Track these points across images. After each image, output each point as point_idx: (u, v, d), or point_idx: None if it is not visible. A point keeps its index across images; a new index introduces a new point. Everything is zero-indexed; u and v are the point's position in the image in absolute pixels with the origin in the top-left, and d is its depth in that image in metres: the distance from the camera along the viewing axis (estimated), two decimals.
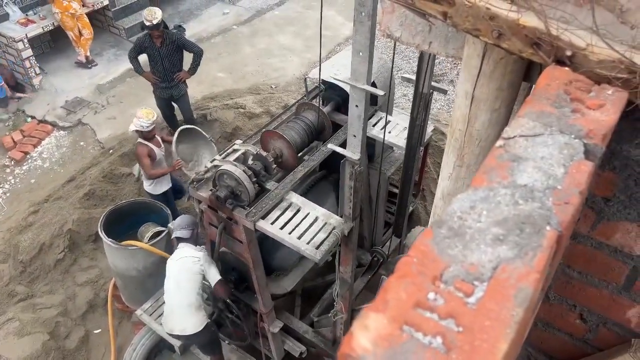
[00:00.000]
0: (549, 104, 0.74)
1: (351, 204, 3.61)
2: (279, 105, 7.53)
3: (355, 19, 2.77)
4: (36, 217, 6.20)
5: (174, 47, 6.22)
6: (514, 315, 0.49)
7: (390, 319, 0.50)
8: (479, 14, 0.87)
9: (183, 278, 4.16)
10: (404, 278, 0.54)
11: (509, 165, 0.66)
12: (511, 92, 1.18)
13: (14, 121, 7.82)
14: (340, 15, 9.67)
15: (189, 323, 4.24)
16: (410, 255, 0.57)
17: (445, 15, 0.92)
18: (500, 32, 0.87)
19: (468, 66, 1.17)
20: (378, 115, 4.66)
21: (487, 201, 0.61)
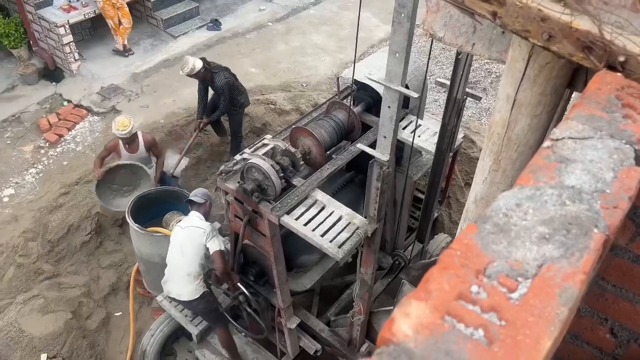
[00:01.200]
0: (599, 108, 0.73)
1: (376, 205, 3.60)
2: (309, 103, 7.55)
3: (394, 20, 2.76)
4: (66, 199, 6.34)
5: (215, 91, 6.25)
6: (559, 313, 0.48)
7: (433, 308, 0.50)
8: (530, 15, 0.86)
9: (188, 247, 4.27)
10: (447, 270, 0.54)
11: (556, 166, 0.65)
12: (554, 98, 1.16)
13: (50, 104, 8.02)
14: (376, 17, 9.64)
15: (185, 290, 4.34)
16: (453, 248, 0.57)
17: (495, 15, 0.91)
18: (550, 35, 0.86)
19: (512, 69, 1.16)
20: (408, 118, 4.64)
21: (533, 200, 0.61)
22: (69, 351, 5.07)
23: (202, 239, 4.23)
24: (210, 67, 6.04)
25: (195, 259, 4.28)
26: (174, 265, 4.35)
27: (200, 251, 4.27)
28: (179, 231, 4.33)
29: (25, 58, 8.49)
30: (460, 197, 6.43)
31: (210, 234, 4.24)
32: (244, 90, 6.32)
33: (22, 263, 5.81)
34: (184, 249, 4.28)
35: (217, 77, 5.99)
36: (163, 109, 7.60)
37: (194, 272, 4.31)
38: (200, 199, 4.40)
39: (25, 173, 7.01)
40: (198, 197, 4.41)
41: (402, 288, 4.03)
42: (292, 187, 3.97)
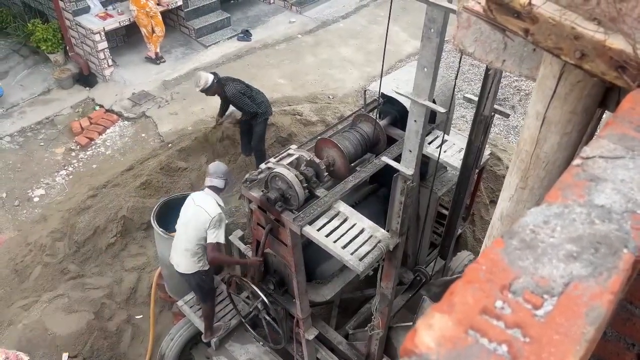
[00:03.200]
0: (632, 127, 0.72)
1: (399, 220, 3.58)
2: (334, 115, 7.58)
3: (424, 35, 2.77)
4: (94, 201, 6.48)
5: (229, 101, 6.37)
6: (585, 333, 0.48)
7: (456, 321, 0.50)
8: (562, 33, 0.86)
9: (191, 225, 4.38)
10: (472, 284, 0.54)
11: (586, 184, 0.65)
12: (585, 116, 1.15)
13: (83, 108, 8.24)
14: (405, 32, 9.66)
15: (182, 262, 4.50)
16: (479, 262, 0.57)
17: (527, 32, 0.91)
18: (583, 53, 0.85)
19: (542, 87, 1.15)
20: (435, 133, 4.61)
21: (561, 217, 0.60)
22: (90, 351, 5.15)
23: (205, 225, 4.31)
24: (221, 80, 6.14)
25: (194, 238, 4.38)
26: (178, 236, 4.51)
27: (201, 234, 4.36)
28: (191, 205, 4.43)
29: (61, 63, 8.76)
30: (485, 215, 6.34)
31: (214, 224, 4.29)
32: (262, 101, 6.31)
33: (49, 262, 5.95)
34: (188, 225, 4.40)
35: (227, 88, 6.10)
36: (192, 117, 7.73)
37: (191, 249, 4.41)
38: (222, 181, 4.44)
39: (56, 174, 7.20)
40: (219, 182, 4.44)
41: (423, 304, 3.99)
42: (315, 197, 3.98)
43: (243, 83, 6.27)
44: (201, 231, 4.33)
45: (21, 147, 7.60)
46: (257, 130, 6.34)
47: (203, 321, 4.82)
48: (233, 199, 6.47)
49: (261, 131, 6.36)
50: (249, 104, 6.12)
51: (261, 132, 6.37)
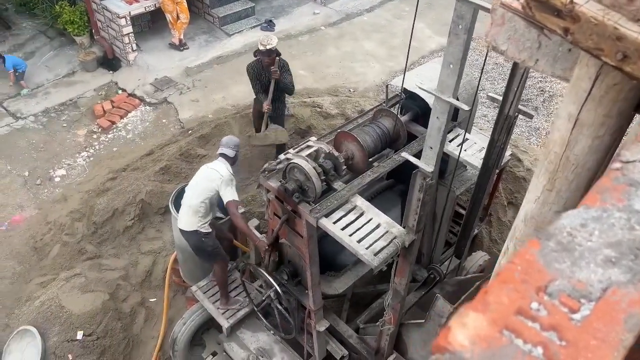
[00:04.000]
0: None
1: (416, 217, 3.56)
2: (355, 109, 7.56)
3: (451, 31, 2.74)
4: (113, 184, 6.57)
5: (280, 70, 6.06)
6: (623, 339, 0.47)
7: (491, 321, 0.49)
8: (604, 33, 0.84)
9: (200, 184, 4.52)
10: (507, 284, 0.53)
11: (625, 189, 0.63)
12: (619, 120, 1.13)
13: (106, 91, 8.33)
14: (429, 29, 9.56)
15: (183, 219, 4.62)
16: (514, 262, 0.56)
17: (567, 31, 0.89)
18: (625, 55, 0.83)
19: (576, 88, 1.13)
20: (456, 131, 4.57)
21: (599, 221, 0.59)
22: (103, 331, 5.23)
23: (215, 183, 4.42)
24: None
25: (200, 196, 4.47)
26: (186, 194, 4.63)
27: (208, 192, 4.45)
28: (204, 169, 4.60)
29: (86, 46, 8.86)
30: (502, 216, 6.28)
31: (226, 182, 4.40)
32: None
33: (68, 242, 6.05)
34: (198, 183, 4.53)
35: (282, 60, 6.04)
36: (212, 104, 7.78)
37: (194, 206, 4.50)
38: (232, 151, 4.60)
39: (77, 156, 7.30)
40: (229, 151, 4.59)
41: (436, 302, 3.96)
42: (332, 190, 3.98)
43: None
44: (209, 189, 4.45)
45: (44, 127, 7.72)
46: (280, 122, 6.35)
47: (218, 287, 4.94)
48: (250, 187, 6.50)
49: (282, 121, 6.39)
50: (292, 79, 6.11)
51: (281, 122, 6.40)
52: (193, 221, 4.56)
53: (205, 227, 4.58)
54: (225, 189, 4.39)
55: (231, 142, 4.67)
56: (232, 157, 4.60)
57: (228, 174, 4.46)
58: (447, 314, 3.83)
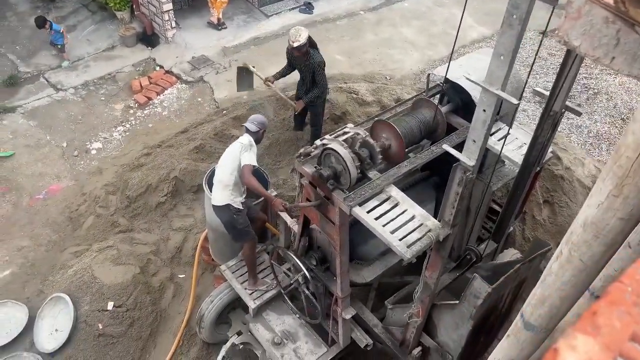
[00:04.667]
0: None
1: (453, 210, 3.49)
2: (391, 97, 7.45)
3: (505, 21, 2.64)
4: (147, 159, 6.66)
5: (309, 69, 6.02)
6: None
7: (603, 346, 0.45)
8: None
9: (227, 157, 4.62)
10: (617, 306, 0.49)
11: None
12: None
13: (144, 67, 8.41)
14: (471, 17, 9.33)
15: (215, 195, 4.67)
16: (624, 282, 0.51)
17: None
18: None
19: None
20: (497, 125, 4.45)
21: None
22: (133, 303, 5.34)
23: (238, 152, 4.51)
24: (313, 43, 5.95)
25: (229, 169, 4.56)
26: (216, 172, 4.73)
27: (234, 162, 4.54)
28: (231, 145, 4.70)
29: (126, 21, 8.94)
30: (537, 214, 6.13)
31: (245, 148, 4.49)
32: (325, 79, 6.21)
33: (101, 214, 6.18)
34: (226, 159, 4.63)
35: (314, 54, 5.93)
36: None
37: (225, 180, 4.58)
38: (255, 127, 4.65)
39: (114, 130, 7.42)
40: (251, 125, 4.65)
41: (473, 283, 3.76)
42: (367, 179, 3.93)
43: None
44: (235, 159, 4.53)
45: (83, 100, 7.86)
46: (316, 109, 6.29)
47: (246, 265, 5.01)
48: (281, 171, 6.50)
49: (319, 109, 6.32)
50: (325, 78, 6.05)
51: (319, 110, 6.33)
52: (225, 195, 4.62)
53: (237, 203, 4.61)
54: (243, 154, 4.48)
55: (256, 118, 4.74)
56: (254, 132, 4.63)
57: (248, 140, 4.54)
58: (485, 295, 3.70)
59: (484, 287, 3.71)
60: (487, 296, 3.67)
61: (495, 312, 4.27)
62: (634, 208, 1.24)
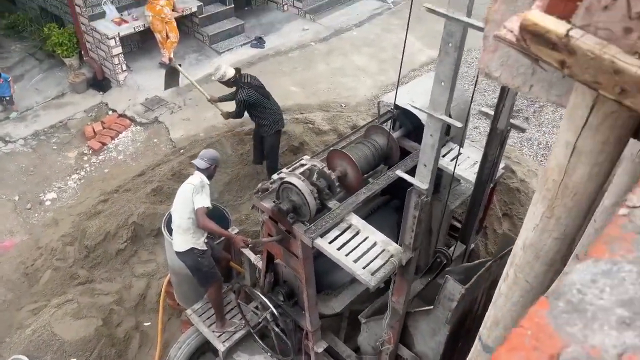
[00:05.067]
0: None
1: (412, 234, 3.53)
2: (347, 124, 7.55)
3: (441, 49, 2.73)
4: (105, 206, 6.50)
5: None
6: None
7: None
8: (602, 67, 0.82)
9: (179, 201, 4.53)
10: (517, 351, 0.50)
11: (634, 237, 0.61)
12: (618, 147, 1.10)
13: (96, 112, 8.29)
14: (419, 42, 9.62)
15: (177, 240, 4.60)
16: (523, 326, 0.53)
17: (563, 64, 0.87)
18: (623, 88, 0.81)
19: (572, 116, 1.11)
20: (449, 145, 4.56)
21: (610, 276, 0.56)
22: (97, 358, 5.14)
23: (190, 194, 4.42)
24: (240, 80, 6.11)
25: (184, 212, 4.48)
26: (173, 216, 4.65)
27: (188, 206, 4.45)
28: (181, 186, 4.62)
29: (76, 67, 8.83)
30: (498, 228, 6.27)
31: (196, 190, 4.40)
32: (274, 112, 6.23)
33: (59, 267, 5.96)
34: (178, 201, 4.55)
35: (240, 91, 6.12)
36: (204, 122, 7.75)
37: (183, 225, 4.50)
38: (205, 163, 4.56)
39: (68, 178, 7.23)
40: (202, 162, 4.56)
41: (446, 285, 3.69)
42: (327, 209, 3.95)
43: (260, 91, 6.22)
44: (188, 202, 4.45)
45: (34, 151, 7.65)
46: (268, 141, 6.33)
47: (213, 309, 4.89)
48: (243, 207, 6.46)
49: (273, 142, 6.35)
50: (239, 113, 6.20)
51: (273, 144, 6.36)
52: (186, 239, 4.54)
53: (201, 244, 4.54)
54: (195, 197, 4.40)
55: (205, 154, 4.67)
56: (205, 169, 4.55)
57: (199, 181, 4.46)
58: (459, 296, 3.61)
59: (457, 288, 3.64)
60: (461, 297, 3.61)
61: (471, 315, 4.25)
62: (567, 227, 1.28)
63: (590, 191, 1.18)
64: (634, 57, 0.82)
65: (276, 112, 6.30)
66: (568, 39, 0.84)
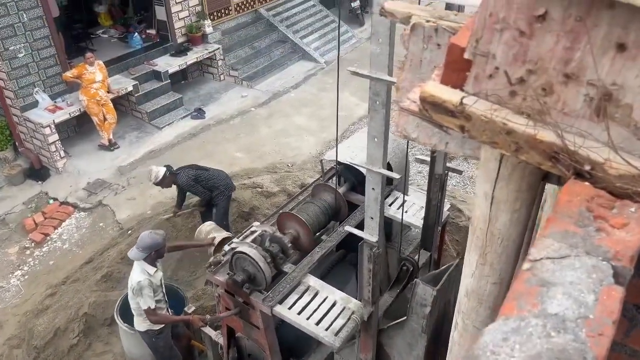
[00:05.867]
0: (572, 222, 0.74)
1: (370, 288, 3.54)
2: (295, 183, 7.63)
3: (370, 107, 2.86)
4: (52, 300, 6.17)
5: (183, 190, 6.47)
6: None
7: None
8: (495, 129, 0.90)
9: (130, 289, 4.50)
10: None
11: (538, 290, 0.65)
12: (531, 193, 1.19)
13: (36, 203, 8.00)
14: (354, 96, 9.98)
15: (135, 321, 4.62)
16: None
17: (463, 128, 0.95)
18: (518, 146, 0.89)
19: (486, 168, 1.19)
20: (394, 194, 4.69)
21: (518, 333, 0.60)
22: None
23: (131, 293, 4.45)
24: (173, 171, 6.21)
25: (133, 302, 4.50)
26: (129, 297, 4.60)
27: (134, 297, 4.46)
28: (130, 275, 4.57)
29: (10, 159, 8.57)
30: None
31: (136, 292, 4.38)
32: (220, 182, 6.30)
33: None
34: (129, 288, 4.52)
35: (179, 178, 6.17)
36: (150, 200, 7.62)
37: (136, 309, 4.51)
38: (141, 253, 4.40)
39: (10, 276, 6.85)
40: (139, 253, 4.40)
41: (416, 289, 3.56)
42: (283, 274, 3.92)
43: (195, 168, 6.33)
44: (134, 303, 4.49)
45: None
46: (219, 207, 6.30)
47: None
48: (198, 282, 6.29)
49: (223, 208, 6.32)
50: (201, 191, 6.22)
51: (223, 209, 6.32)
52: (141, 321, 4.51)
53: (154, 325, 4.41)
54: (137, 299, 4.38)
55: (140, 243, 4.47)
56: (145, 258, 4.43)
57: (136, 282, 4.37)
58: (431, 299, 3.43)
59: (428, 291, 3.49)
60: (433, 301, 3.45)
61: (448, 321, 4.12)
62: (501, 272, 1.34)
63: (515, 237, 1.25)
64: (522, 117, 0.90)
65: (223, 177, 6.37)
66: (462, 106, 0.92)
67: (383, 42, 2.52)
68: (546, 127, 0.86)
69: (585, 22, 0.79)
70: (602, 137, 0.83)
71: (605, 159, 0.81)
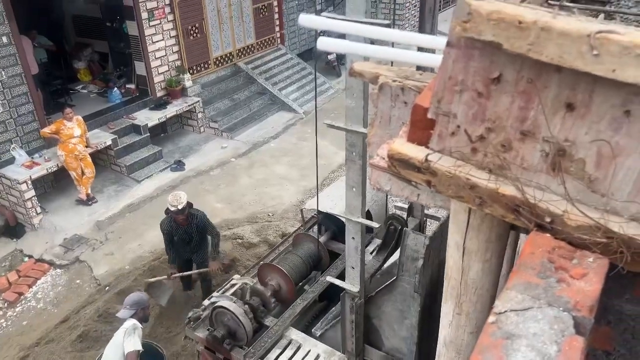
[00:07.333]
0: (534, 274, 0.77)
1: (354, 340, 3.49)
2: (276, 233, 7.59)
3: (347, 158, 2.93)
4: None
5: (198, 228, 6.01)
6: None
7: None
8: (460, 184, 0.94)
9: (111, 348, 4.38)
10: None
11: (502, 343, 0.67)
12: (500, 242, 1.22)
13: (10, 261, 7.78)
14: (333, 145, 10.13)
15: None
16: None
17: (429, 183, 0.99)
18: (481, 200, 0.93)
19: (456, 220, 1.23)
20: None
21: None
22: None
23: (122, 337, 4.32)
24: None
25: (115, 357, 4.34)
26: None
27: (118, 351, 4.31)
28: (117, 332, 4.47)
29: None
30: None
31: (128, 332, 4.29)
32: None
33: None
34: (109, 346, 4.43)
35: (198, 213, 5.96)
36: (129, 254, 7.49)
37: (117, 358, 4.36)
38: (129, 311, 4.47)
39: None
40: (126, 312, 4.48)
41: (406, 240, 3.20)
42: (264, 327, 3.85)
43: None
44: (119, 347, 4.33)
45: None
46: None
47: None
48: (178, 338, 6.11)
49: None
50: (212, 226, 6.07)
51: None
52: None
53: None
54: (127, 339, 4.29)
55: (127, 301, 4.60)
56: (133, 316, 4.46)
57: (132, 324, 4.37)
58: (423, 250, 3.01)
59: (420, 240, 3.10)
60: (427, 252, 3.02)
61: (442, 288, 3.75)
62: (477, 321, 1.36)
63: (488, 286, 1.28)
64: (484, 172, 0.95)
65: None
66: (428, 163, 0.96)
67: (357, 96, 2.61)
68: (507, 182, 0.91)
69: (535, 84, 0.85)
70: (559, 190, 0.87)
71: (564, 211, 0.85)
